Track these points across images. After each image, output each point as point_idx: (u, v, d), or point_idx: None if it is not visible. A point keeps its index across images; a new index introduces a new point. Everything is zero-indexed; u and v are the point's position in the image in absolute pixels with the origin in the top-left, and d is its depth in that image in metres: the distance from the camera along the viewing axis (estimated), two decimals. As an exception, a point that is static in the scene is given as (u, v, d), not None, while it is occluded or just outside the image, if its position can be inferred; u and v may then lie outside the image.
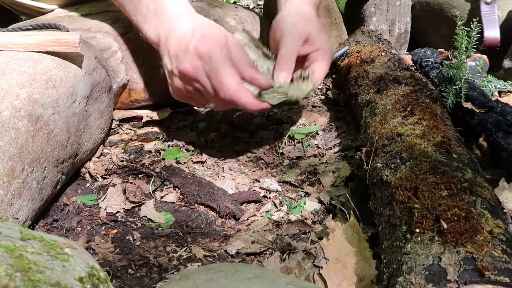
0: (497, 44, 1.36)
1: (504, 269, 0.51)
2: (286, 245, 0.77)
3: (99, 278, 0.48)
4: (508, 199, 0.78)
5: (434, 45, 1.43)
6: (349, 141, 1.08)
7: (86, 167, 0.96)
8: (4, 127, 0.73)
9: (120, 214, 0.86)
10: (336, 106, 1.24)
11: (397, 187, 0.68)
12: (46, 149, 0.79)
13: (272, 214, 0.87)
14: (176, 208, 0.88)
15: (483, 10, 1.37)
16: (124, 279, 0.72)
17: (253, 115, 1.18)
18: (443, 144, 0.75)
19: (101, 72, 0.98)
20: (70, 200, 0.88)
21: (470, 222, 0.57)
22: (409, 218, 0.62)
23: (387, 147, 0.79)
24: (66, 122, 0.84)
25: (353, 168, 0.95)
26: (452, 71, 0.98)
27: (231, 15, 1.33)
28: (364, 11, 1.52)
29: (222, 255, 0.77)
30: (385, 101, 0.92)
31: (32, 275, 0.41)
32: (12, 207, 0.71)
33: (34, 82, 0.79)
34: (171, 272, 0.73)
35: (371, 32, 1.34)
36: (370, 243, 0.74)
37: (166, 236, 0.81)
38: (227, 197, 0.88)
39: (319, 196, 0.90)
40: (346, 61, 1.21)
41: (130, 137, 1.07)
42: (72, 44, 0.86)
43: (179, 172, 0.95)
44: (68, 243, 0.50)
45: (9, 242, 0.44)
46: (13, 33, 0.87)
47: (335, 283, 0.68)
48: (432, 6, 1.51)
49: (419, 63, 1.24)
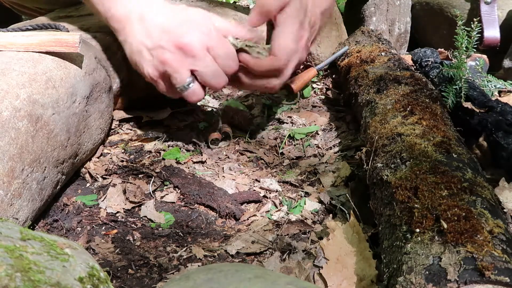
0: (497, 44, 1.36)
1: (504, 268, 0.51)
2: (286, 245, 0.77)
3: (99, 278, 0.48)
4: (508, 199, 0.78)
5: (434, 45, 1.43)
6: (349, 141, 1.08)
7: (86, 167, 0.96)
8: (4, 127, 0.73)
9: (120, 214, 0.86)
10: (336, 106, 1.24)
11: (397, 187, 0.68)
12: (46, 149, 0.79)
13: (272, 214, 0.87)
14: (176, 208, 0.88)
15: (483, 10, 1.37)
16: (124, 279, 0.72)
17: (253, 115, 1.18)
18: (443, 144, 0.75)
19: (101, 72, 0.98)
20: (70, 200, 0.88)
21: (470, 222, 0.57)
22: (409, 218, 0.62)
23: (387, 147, 0.79)
24: (66, 122, 0.84)
25: (353, 168, 0.95)
26: (452, 71, 0.98)
27: (231, 15, 1.33)
28: (364, 11, 1.52)
29: (222, 255, 0.77)
30: (385, 101, 0.92)
31: (32, 275, 0.41)
32: (12, 207, 0.71)
33: (34, 82, 0.79)
34: (171, 272, 0.73)
35: (371, 32, 1.34)
36: (370, 243, 0.74)
37: (166, 236, 0.81)
38: (227, 197, 0.88)
39: (319, 196, 0.90)
40: (346, 61, 1.21)
41: (130, 137, 1.07)
42: (72, 44, 0.86)
43: (179, 172, 0.95)
44: (68, 243, 0.50)
45: (9, 242, 0.44)
46: (13, 33, 0.87)
47: (335, 283, 0.68)
48: (432, 6, 1.51)
49: (419, 63, 1.24)
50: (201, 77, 0.91)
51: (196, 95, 0.94)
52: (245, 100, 1.27)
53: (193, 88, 0.93)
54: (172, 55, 0.89)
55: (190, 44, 0.88)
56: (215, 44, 0.90)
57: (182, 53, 0.89)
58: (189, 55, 0.89)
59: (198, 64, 0.90)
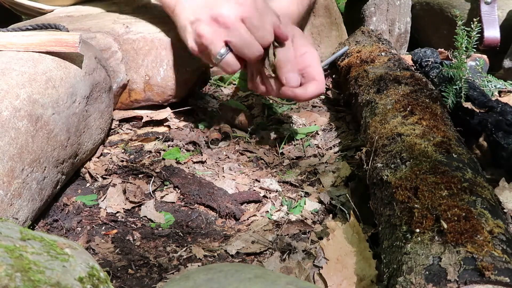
0: (497, 44, 1.36)
1: (504, 269, 0.51)
2: (286, 245, 0.77)
3: (99, 278, 0.48)
4: (508, 199, 0.78)
5: (434, 45, 1.43)
6: (349, 141, 1.08)
7: (86, 167, 0.96)
8: (4, 127, 0.73)
9: (120, 214, 0.86)
10: (336, 106, 1.24)
11: (397, 187, 0.68)
12: (46, 149, 0.79)
13: (272, 214, 0.87)
14: (176, 208, 0.88)
15: (483, 10, 1.38)
16: (124, 279, 0.72)
17: (253, 115, 1.18)
18: (443, 144, 0.75)
19: (101, 72, 0.98)
20: (70, 200, 0.88)
21: (470, 222, 0.57)
22: (409, 218, 0.62)
23: (387, 147, 0.79)
24: (66, 122, 0.84)
25: (353, 168, 0.95)
26: (452, 71, 0.98)
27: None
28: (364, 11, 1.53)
29: (222, 255, 0.77)
30: (385, 101, 0.92)
31: (32, 275, 0.41)
32: (12, 207, 0.71)
33: (34, 82, 0.79)
34: (171, 272, 0.73)
35: (371, 32, 1.34)
36: (370, 243, 0.74)
37: (166, 236, 0.81)
38: (227, 197, 0.88)
39: (319, 196, 0.90)
40: (346, 61, 1.21)
41: (130, 137, 1.07)
42: (72, 44, 0.86)
43: (179, 172, 0.95)
44: (68, 243, 0.50)
45: (9, 242, 0.44)
46: (13, 33, 0.87)
47: (335, 283, 0.68)
48: (432, 6, 1.51)
49: (419, 63, 1.24)
50: (235, 47, 0.93)
51: (231, 66, 0.95)
52: (245, 100, 1.27)
53: (227, 59, 0.94)
54: (207, 27, 0.93)
55: (223, 15, 0.91)
56: (250, 15, 0.91)
57: (216, 24, 0.92)
58: (222, 26, 0.91)
59: (231, 35, 0.92)
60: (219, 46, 0.93)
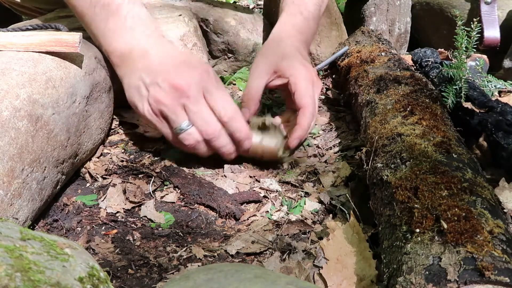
0: (497, 44, 1.36)
1: (504, 269, 0.51)
2: (286, 245, 0.77)
3: (99, 278, 0.48)
4: (508, 199, 0.78)
5: (434, 45, 1.43)
6: (349, 141, 1.08)
7: (86, 167, 0.96)
8: (4, 127, 0.73)
9: (120, 214, 0.86)
10: (336, 106, 1.24)
11: (397, 187, 0.68)
12: (46, 149, 0.79)
13: (272, 214, 0.87)
14: (176, 208, 0.88)
15: (483, 10, 1.37)
16: (124, 279, 0.72)
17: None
18: (443, 144, 0.75)
19: (101, 72, 0.98)
20: (70, 200, 0.88)
21: (470, 222, 0.57)
22: (409, 218, 0.62)
23: (387, 147, 0.79)
24: (66, 122, 0.84)
25: (353, 168, 0.95)
26: (452, 71, 0.98)
27: (231, 15, 1.34)
28: (364, 11, 1.52)
29: (222, 255, 0.77)
30: (385, 101, 0.92)
31: (32, 275, 0.41)
32: (12, 207, 0.71)
33: (34, 82, 0.79)
34: (171, 272, 0.73)
35: (371, 32, 1.34)
36: (370, 243, 0.74)
37: (166, 236, 0.81)
38: (227, 197, 0.88)
39: (319, 196, 0.90)
40: (346, 61, 1.21)
41: (130, 137, 1.07)
42: (72, 44, 0.86)
43: (179, 172, 0.95)
44: (68, 243, 0.50)
45: (9, 242, 0.44)
46: (13, 33, 0.87)
47: (335, 283, 0.68)
48: (432, 6, 1.51)
49: (419, 63, 1.24)
50: (193, 122, 0.89)
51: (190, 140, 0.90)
52: (245, 100, 1.26)
53: (189, 131, 0.89)
54: (166, 94, 0.87)
55: (184, 85, 0.87)
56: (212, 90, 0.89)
57: (176, 93, 0.87)
58: (183, 96, 0.87)
59: (191, 108, 0.88)
60: (181, 117, 0.88)
